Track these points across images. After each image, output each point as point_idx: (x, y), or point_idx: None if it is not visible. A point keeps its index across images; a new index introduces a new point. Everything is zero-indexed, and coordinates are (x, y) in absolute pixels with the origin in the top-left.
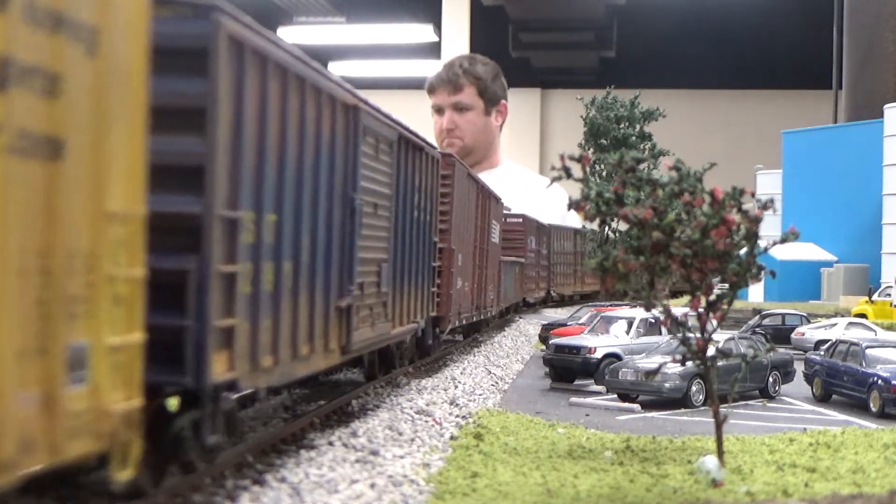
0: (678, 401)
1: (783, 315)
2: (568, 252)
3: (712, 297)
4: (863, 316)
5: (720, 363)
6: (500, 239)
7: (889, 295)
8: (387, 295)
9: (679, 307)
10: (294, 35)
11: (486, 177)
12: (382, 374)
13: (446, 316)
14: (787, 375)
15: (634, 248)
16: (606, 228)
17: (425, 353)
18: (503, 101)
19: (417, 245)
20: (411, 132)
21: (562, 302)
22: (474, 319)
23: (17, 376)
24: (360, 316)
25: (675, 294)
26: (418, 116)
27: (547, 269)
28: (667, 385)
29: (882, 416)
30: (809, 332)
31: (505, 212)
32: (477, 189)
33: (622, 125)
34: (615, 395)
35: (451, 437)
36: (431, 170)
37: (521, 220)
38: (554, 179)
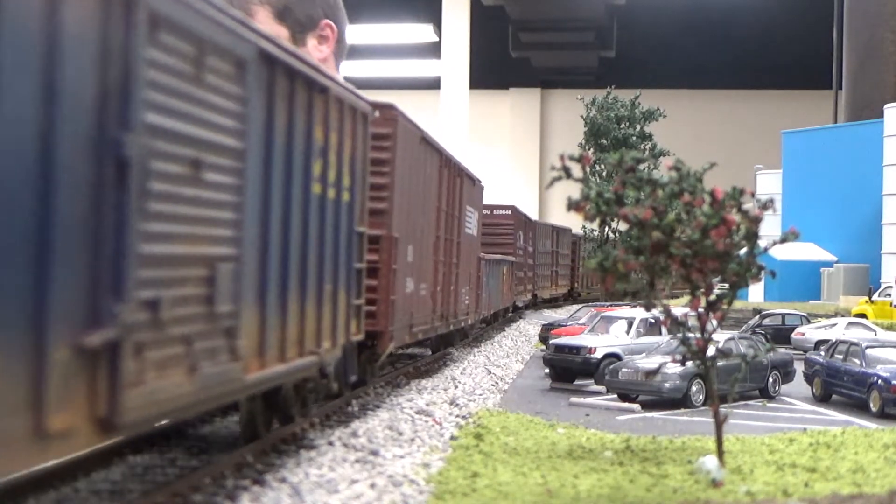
0: (678, 401)
1: (783, 315)
2: (546, 251)
3: (712, 297)
4: (863, 316)
5: (720, 363)
6: (479, 231)
7: (889, 295)
8: (234, 317)
9: (679, 307)
10: None
11: None
12: (275, 427)
13: (386, 332)
14: (787, 375)
15: (634, 248)
16: (606, 228)
17: (358, 384)
18: (325, 21)
19: (320, 235)
20: (303, 59)
21: (543, 305)
22: (440, 332)
23: None
24: (152, 358)
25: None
26: (420, 116)
27: (532, 269)
28: (667, 385)
29: (882, 416)
30: (809, 332)
31: (489, 203)
32: (440, 161)
33: (622, 125)
34: (615, 395)
35: (451, 437)
36: (351, 124)
37: (509, 211)
38: (554, 179)
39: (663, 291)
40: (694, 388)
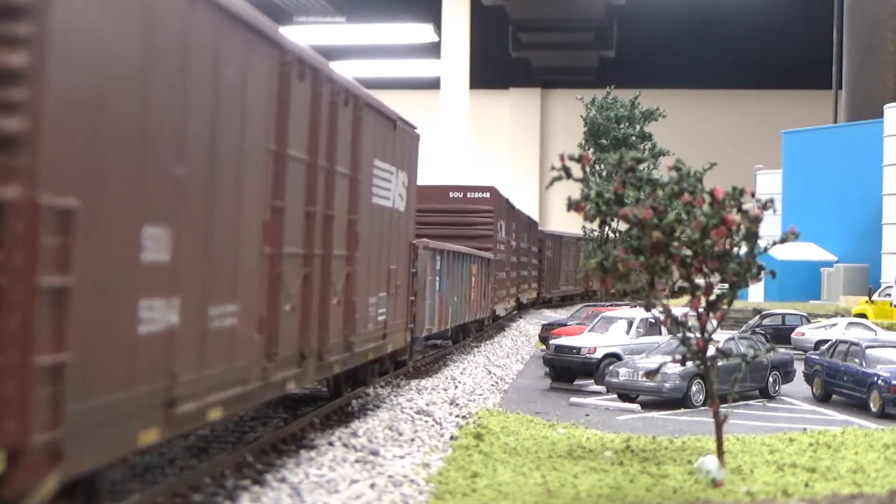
0: (678, 401)
1: (783, 315)
2: (526, 247)
3: (712, 297)
4: (863, 316)
5: (720, 363)
6: (409, 203)
7: (889, 295)
8: None
9: (679, 307)
10: (294, 35)
11: None
12: None
13: (24, 449)
14: (787, 375)
15: (634, 248)
16: (606, 228)
17: None
18: None
19: None
20: None
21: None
22: (295, 387)
23: None
24: None
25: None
26: (420, 116)
27: (516, 268)
28: (667, 385)
29: (882, 416)
30: (809, 332)
31: (463, 184)
32: (280, 62)
33: (622, 125)
34: (615, 395)
35: (451, 437)
36: None
37: (487, 194)
38: (554, 179)
39: (664, 291)
40: (694, 388)
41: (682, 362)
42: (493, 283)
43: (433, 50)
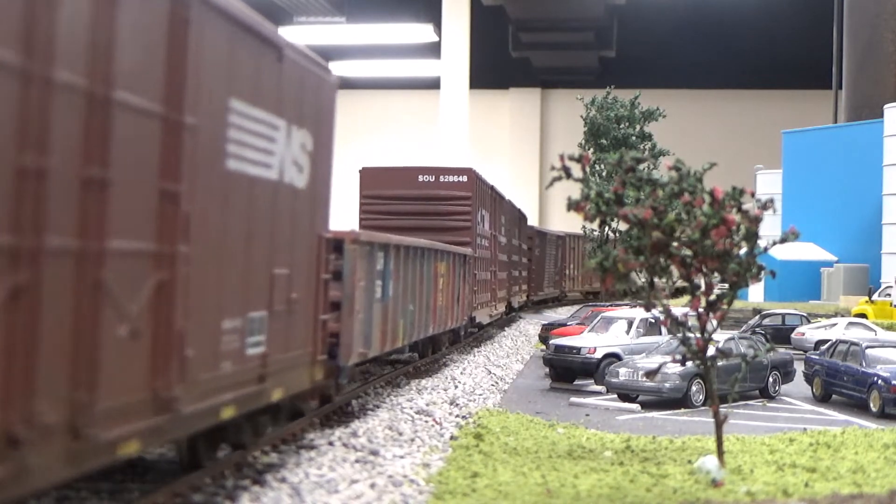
0: (678, 401)
1: (783, 315)
2: (517, 243)
3: (712, 297)
4: (863, 316)
5: (720, 363)
6: (309, 175)
7: (889, 295)
8: None
9: (679, 307)
10: (294, 35)
11: None
12: None
13: None
14: (787, 375)
15: (634, 248)
16: (606, 228)
17: None
18: None
19: None
20: None
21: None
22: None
23: None
24: None
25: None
26: (419, 116)
27: (507, 268)
28: (667, 385)
29: (882, 416)
30: (809, 332)
31: (434, 166)
32: None
33: (622, 125)
34: (615, 395)
35: (451, 437)
36: None
37: (464, 178)
38: (554, 179)
39: (664, 291)
40: (694, 388)
41: (682, 362)
42: (472, 285)
43: (433, 50)
